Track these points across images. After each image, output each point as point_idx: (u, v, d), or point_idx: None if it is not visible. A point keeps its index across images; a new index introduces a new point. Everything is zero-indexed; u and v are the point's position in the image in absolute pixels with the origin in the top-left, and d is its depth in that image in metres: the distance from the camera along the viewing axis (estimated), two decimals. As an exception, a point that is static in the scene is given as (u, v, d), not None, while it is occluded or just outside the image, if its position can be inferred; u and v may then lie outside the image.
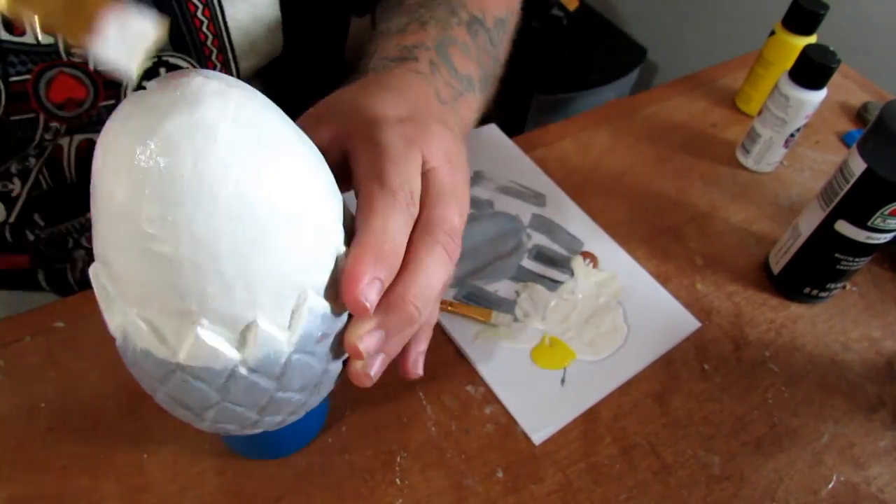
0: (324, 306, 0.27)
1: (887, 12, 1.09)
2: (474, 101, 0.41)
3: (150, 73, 0.45)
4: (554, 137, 0.61)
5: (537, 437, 0.41)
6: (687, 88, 0.69)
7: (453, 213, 0.30)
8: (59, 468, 0.37)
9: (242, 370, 0.26)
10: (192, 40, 0.44)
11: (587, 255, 0.51)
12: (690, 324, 0.48)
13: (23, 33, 0.40)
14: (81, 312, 0.44)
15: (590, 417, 0.43)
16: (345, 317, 0.29)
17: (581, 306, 0.48)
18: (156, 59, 0.44)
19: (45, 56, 0.41)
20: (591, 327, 0.47)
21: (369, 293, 0.26)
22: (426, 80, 0.37)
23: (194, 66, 0.46)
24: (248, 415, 0.29)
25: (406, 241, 0.28)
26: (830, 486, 0.41)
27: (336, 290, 0.27)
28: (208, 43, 0.45)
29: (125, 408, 0.40)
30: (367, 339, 0.28)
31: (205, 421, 0.29)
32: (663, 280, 0.51)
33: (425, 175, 0.30)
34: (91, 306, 0.45)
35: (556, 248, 0.52)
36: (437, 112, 0.35)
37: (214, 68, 0.46)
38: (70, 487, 0.37)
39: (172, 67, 0.45)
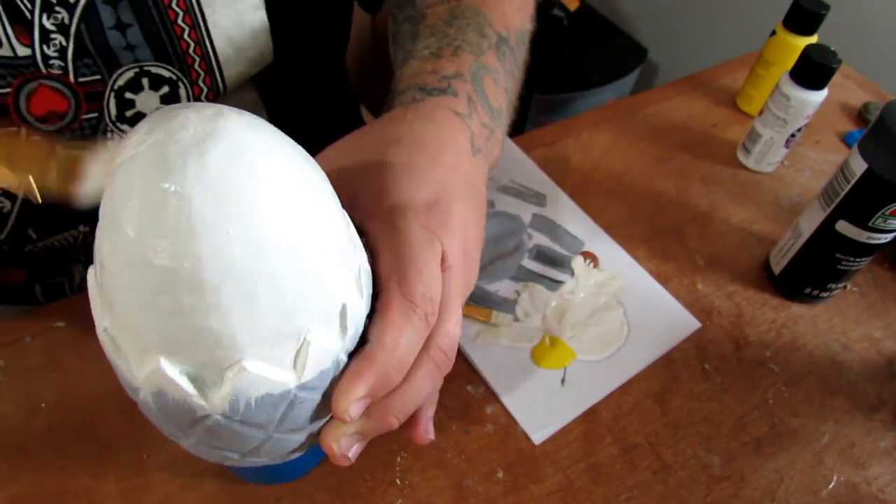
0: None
1: (887, 12, 1.09)
2: (501, 135, 0.41)
3: (133, 85, 0.44)
4: (554, 137, 0.61)
5: (537, 437, 0.41)
6: (687, 88, 0.69)
7: (454, 327, 0.30)
8: (59, 468, 0.37)
9: (220, 418, 0.25)
10: (173, 50, 0.44)
11: (587, 255, 0.51)
12: (691, 324, 0.48)
13: None
14: (81, 312, 0.44)
15: (590, 417, 0.43)
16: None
17: (581, 306, 0.48)
18: (137, 70, 0.44)
19: (23, 69, 0.40)
20: (591, 327, 0.47)
21: (355, 410, 0.27)
22: (464, 125, 0.36)
23: (177, 77, 0.45)
24: (231, 455, 0.29)
25: (415, 356, 0.28)
26: (831, 486, 0.41)
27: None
28: (190, 51, 0.44)
29: (125, 408, 0.40)
30: (343, 441, 0.28)
31: (246, 458, 0.29)
32: (664, 280, 0.51)
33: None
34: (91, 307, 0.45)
35: (557, 248, 0.52)
36: (466, 178, 0.34)
37: (198, 77, 0.46)
38: (70, 487, 0.37)
39: (155, 78, 0.44)
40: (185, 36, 0.43)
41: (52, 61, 0.42)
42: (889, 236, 0.45)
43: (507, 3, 0.47)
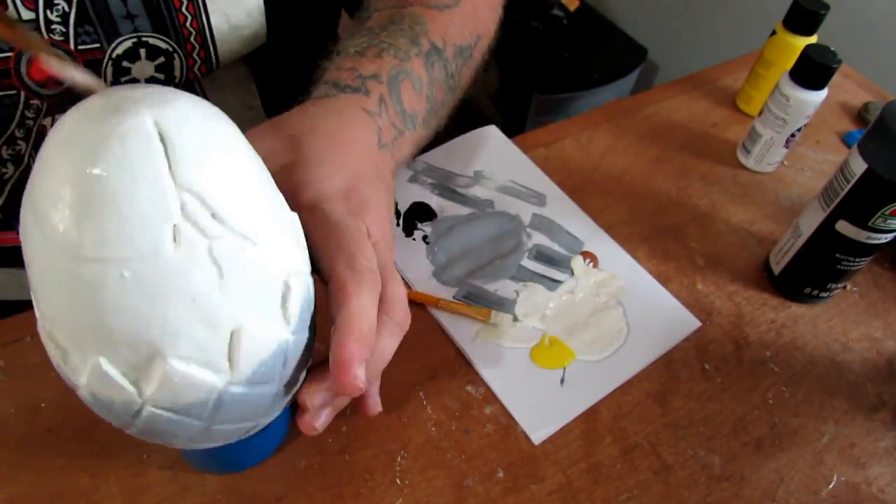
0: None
1: (887, 12, 1.09)
2: (413, 139, 0.43)
3: (130, 54, 0.45)
4: (554, 137, 0.61)
5: (537, 437, 0.41)
6: (687, 88, 0.69)
7: (400, 287, 0.34)
8: (59, 468, 0.37)
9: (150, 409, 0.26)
10: (171, 21, 0.44)
11: (587, 255, 0.51)
12: (691, 324, 0.48)
13: (4, 8, 0.40)
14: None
15: (590, 417, 0.43)
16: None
17: (581, 306, 0.48)
18: (135, 39, 0.44)
19: None
20: (591, 327, 0.47)
21: (360, 374, 0.29)
22: (371, 121, 0.39)
23: (173, 48, 0.46)
24: (173, 442, 0.29)
25: (376, 315, 0.32)
26: (831, 486, 0.41)
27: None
28: (187, 24, 0.45)
29: (125, 408, 0.40)
30: (316, 397, 0.32)
31: (192, 443, 0.30)
32: (664, 280, 0.51)
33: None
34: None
35: (556, 247, 0.52)
36: (373, 166, 0.38)
37: (193, 50, 0.46)
38: (70, 487, 0.37)
39: (152, 48, 0.45)
40: (184, 9, 0.44)
41: (54, 26, 0.42)
42: (889, 236, 0.45)
43: (449, 16, 0.48)
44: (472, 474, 0.39)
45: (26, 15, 0.41)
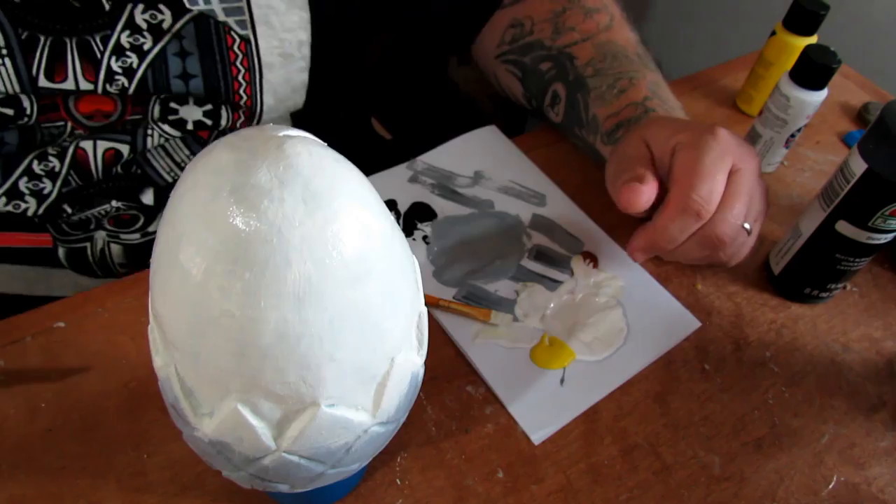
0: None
1: (887, 12, 1.09)
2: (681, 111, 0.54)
3: (178, 97, 0.47)
4: (554, 137, 0.61)
5: (537, 438, 0.41)
6: (687, 89, 0.69)
7: (727, 216, 0.42)
8: (59, 468, 0.37)
9: (283, 455, 0.25)
10: (227, 97, 0.48)
11: (587, 255, 0.51)
12: (690, 324, 0.48)
13: (63, 79, 0.43)
14: (82, 312, 0.44)
15: (590, 417, 0.43)
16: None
17: (581, 306, 0.48)
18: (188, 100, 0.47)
19: (79, 93, 0.44)
20: (591, 327, 0.47)
21: (638, 257, 0.47)
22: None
23: (222, 103, 0.49)
24: (280, 487, 0.28)
25: (684, 237, 0.44)
26: (831, 486, 0.41)
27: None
28: (241, 102, 0.49)
29: (125, 408, 0.40)
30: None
31: (294, 489, 0.29)
32: (663, 280, 0.51)
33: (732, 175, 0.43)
34: (91, 307, 0.45)
35: (556, 247, 0.52)
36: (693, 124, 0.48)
37: (239, 109, 0.50)
38: (70, 487, 0.37)
39: (199, 99, 0.48)
40: (241, 90, 0.48)
41: (111, 96, 0.45)
42: (889, 236, 0.45)
43: (621, 28, 0.57)
44: (472, 474, 0.39)
45: (84, 86, 0.43)
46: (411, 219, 0.52)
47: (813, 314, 0.50)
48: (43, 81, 0.42)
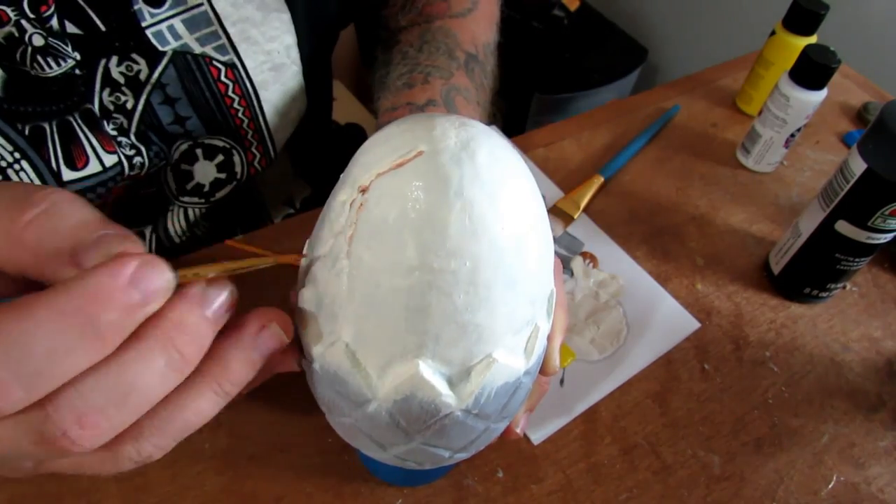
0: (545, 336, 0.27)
1: (887, 12, 1.09)
2: None
3: (187, 157, 0.46)
4: (554, 137, 0.61)
5: (537, 437, 0.41)
6: (687, 88, 0.69)
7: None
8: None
9: (459, 413, 0.25)
10: (227, 125, 0.45)
11: (587, 256, 0.51)
12: (690, 324, 0.48)
13: (85, 165, 0.39)
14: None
15: (590, 417, 0.43)
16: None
17: (581, 306, 0.48)
18: (191, 143, 0.45)
19: (112, 179, 0.41)
20: (590, 327, 0.47)
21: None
22: None
23: (230, 145, 0.47)
24: (443, 454, 0.28)
25: None
26: (830, 486, 0.41)
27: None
28: (244, 126, 0.46)
29: (125, 408, 0.40)
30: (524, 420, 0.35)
31: (388, 454, 0.28)
32: (663, 280, 0.51)
33: None
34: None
35: (556, 248, 0.52)
36: None
37: (251, 145, 0.47)
38: (70, 487, 0.37)
39: (208, 147, 0.46)
40: (240, 115, 0.45)
41: (135, 160, 0.42)
42: (888, 236, 0.45)
43: (473, 21, 0.50)
44: (472, 474, 0.39)
45: (108, 160, 0.40)
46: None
47: (813, 314, 0.50)
48: (67, 174, 0.39)
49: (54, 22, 0.36)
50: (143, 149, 0.42)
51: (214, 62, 0.42)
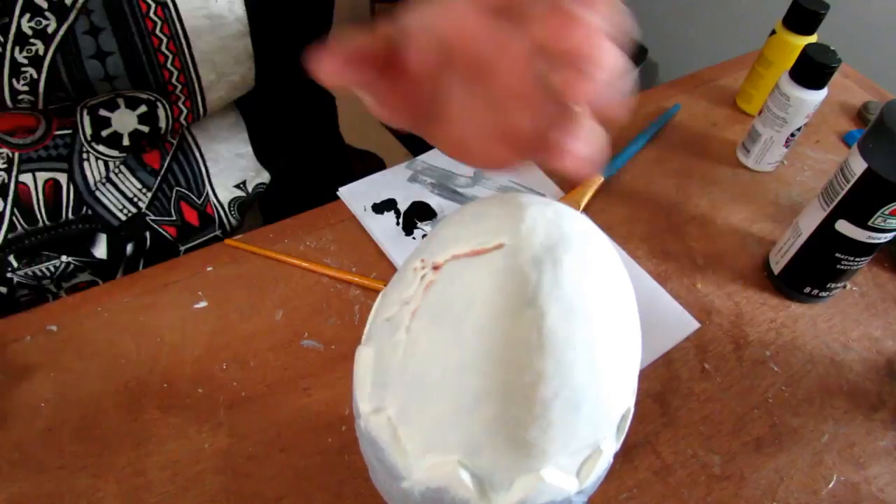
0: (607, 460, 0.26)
1: (887, 12, 1.09)
2: None
3: (108, 103, 0.43)
4: (554, 137, 0.61)
5: (537, 437, 0.41)
6: (687, 88, 0.69)
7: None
8: (58, 468, 0.37)
9: None
10: (154, 78, 0.43)
11: (587, 255, 0.51)
12: (690, 324, 0.48)
13: None
14: (81, 313, 0.44)
15: (590, 417, 0.43)
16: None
17: (581, 306, 0.48)
18: (112, 95, 0.43)
19: None
20: (591, 327, 0.47)
21: None
22: None
23: (155, 98, 0.44)
24: None
25: None
26: (831, 485, 0.41)
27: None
28: (173, 80, 0.43)
29: (125, 408, 0.40)
30: None
31: None
32: (663, 280, 0.51)
33: None
34: (90, 307, 0.45)
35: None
36: None
37: (178, 100, 0.45)
38: (70, 487, 0.37)
39: (130, 98, 0.44)
40: (169, 64, 0.42)
41: (21, 96, 0.40)
42: (889, 236, 0.45)
43: None
44: (471, 474, 0.39)
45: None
46: (411, 218, 0.52)
47: (813, 313, 0.50)
48: None
49: None
50: (41, 87, 0.40)
51: None
